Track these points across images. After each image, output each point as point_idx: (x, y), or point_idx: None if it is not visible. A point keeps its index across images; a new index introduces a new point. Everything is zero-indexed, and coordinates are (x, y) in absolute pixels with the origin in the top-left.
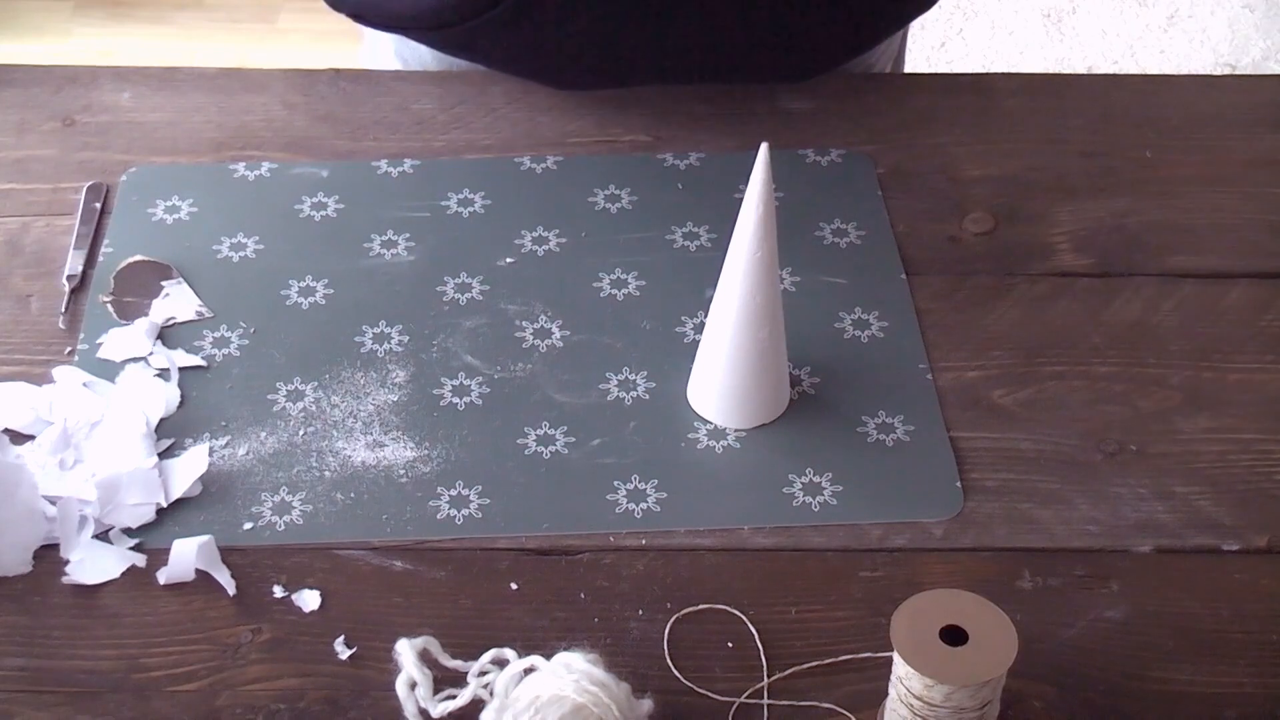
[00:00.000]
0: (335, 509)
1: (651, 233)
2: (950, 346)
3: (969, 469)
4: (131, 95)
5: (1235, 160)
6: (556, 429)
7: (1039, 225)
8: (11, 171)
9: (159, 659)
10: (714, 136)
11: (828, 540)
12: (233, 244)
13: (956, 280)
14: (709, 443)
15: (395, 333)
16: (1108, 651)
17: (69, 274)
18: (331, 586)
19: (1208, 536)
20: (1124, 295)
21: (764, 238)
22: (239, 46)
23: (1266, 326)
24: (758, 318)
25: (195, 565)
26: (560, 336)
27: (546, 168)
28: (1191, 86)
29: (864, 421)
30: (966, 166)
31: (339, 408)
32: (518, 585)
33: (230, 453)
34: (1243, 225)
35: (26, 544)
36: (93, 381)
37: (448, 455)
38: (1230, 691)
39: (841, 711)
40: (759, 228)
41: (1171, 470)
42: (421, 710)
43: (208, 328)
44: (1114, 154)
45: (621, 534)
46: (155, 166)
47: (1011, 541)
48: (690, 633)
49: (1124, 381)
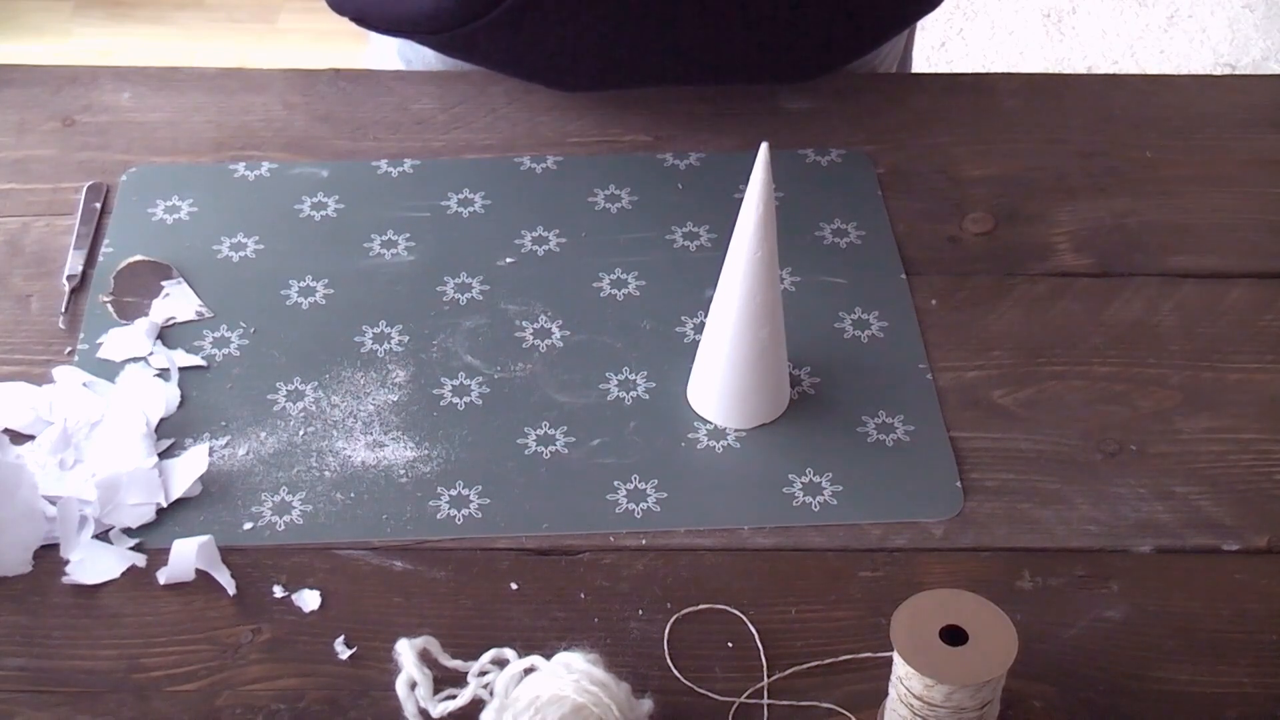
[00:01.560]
0: (335, 509)
1: (651, 233)
2: (950, 346)
3: (969, 469)
4: (131, 95)
5: (1235, 160)
6: (556, 429)
7: (1039, 225)
8: (11, 171)
9: (159, 659)
10: (714, 136)
11: (828, 540)
12: (233, 244)
13: (956, 280)
14: (709, 443)
15: (395, 333)
16: (1108, 651)
17: (69, 274)
18: (331, 586)
19: (1208, 536)
20: (1124, 295)
21: (764, 238)
22: (239, 46)
23: (1266, 326)
24: (758, 318)
25: (195, 565)
26: (560, 336)
27: (546, 168)
28: (1191, 86)
29: (864, 421)
30: (966, 166)
31: (339, 408)
32: (518, 585)
33: (230, 453)
34: (1243, 225)
35: (26, 544)
36: (93, 381)
37: (448, 455)
38: (1230, 691)
39: (841, 711)
40: (759, 228)
41: (1171, 470)
42: (421, 710)
43: (208, 328)
44: (1114, 154)
45: (621, 534)
46: (155, 166)
47: (1011, 541)
48: (690, 633)
49: (1124, 381)
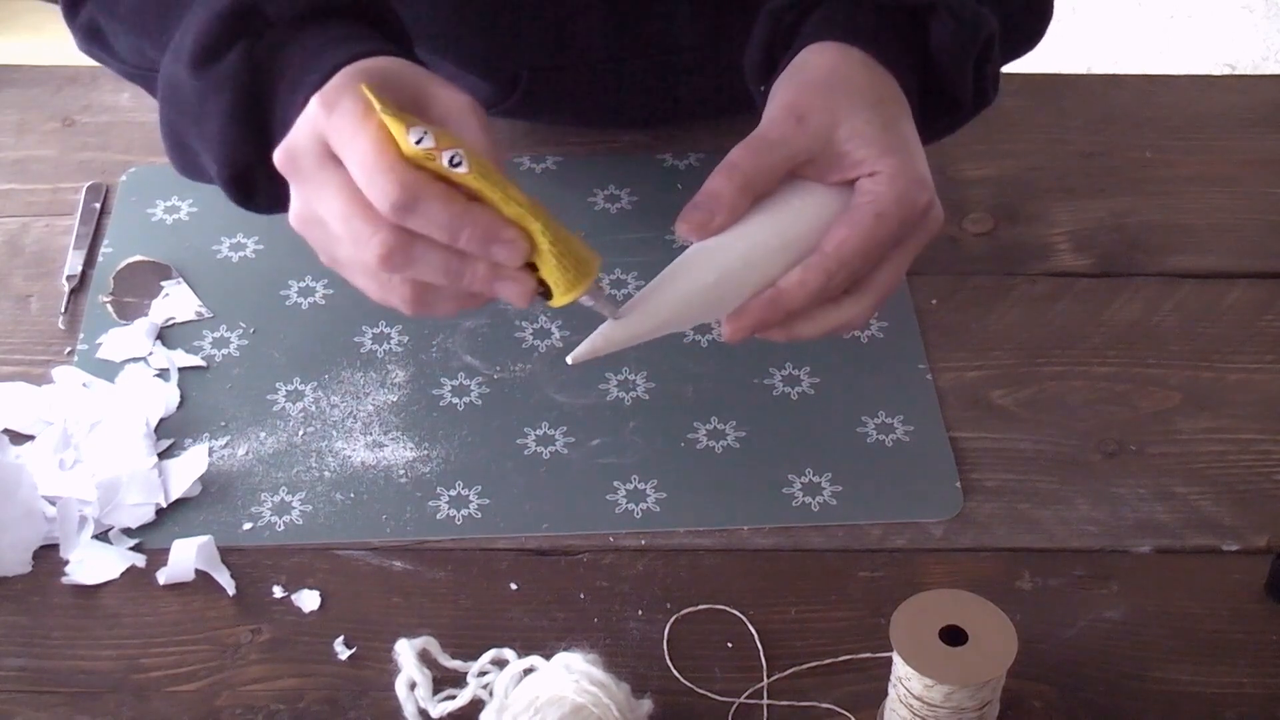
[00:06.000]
0: (335, 509)
1: (651, 233)
2: (950, 346)
3: (969, 469)
4: (131, 95)
5: (1235, 160)
6: (556, 429)
7: (1039, 225)
8: (11, 171)
9: (159, 659)
10: (714, 136)
11: (827, 540)
12: (232, 244)
13: (956, 280)
14: (709, 443)
15: (395, 333)
16: (1108, 651)
17: (69, 274)
18: (331, 586)
19: (1208, 536)
20: (1124, 295)
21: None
22: None
23: (1266, 326)
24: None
25: (195, 565)
26: (560, 337)
27: (546, 168)
28: (1191, 86)
29: (864, 421)
30: (966, 166)
31: (338, 408)
32: (517, 585)
33: (230, 453)
34: (1243, 225)
35: (26, 544)
36: (92, 382)
37: (447, 455)
38: (1230, 691)
39: (841, 711)
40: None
41: (1171, 470)
42: (421, 711)
43: (207, 328)
44: (1114, 154)
45: (621, 534)
46: (155, 166)
47: (1011, 542)
48: (690, 633)
49: (1124, 381)
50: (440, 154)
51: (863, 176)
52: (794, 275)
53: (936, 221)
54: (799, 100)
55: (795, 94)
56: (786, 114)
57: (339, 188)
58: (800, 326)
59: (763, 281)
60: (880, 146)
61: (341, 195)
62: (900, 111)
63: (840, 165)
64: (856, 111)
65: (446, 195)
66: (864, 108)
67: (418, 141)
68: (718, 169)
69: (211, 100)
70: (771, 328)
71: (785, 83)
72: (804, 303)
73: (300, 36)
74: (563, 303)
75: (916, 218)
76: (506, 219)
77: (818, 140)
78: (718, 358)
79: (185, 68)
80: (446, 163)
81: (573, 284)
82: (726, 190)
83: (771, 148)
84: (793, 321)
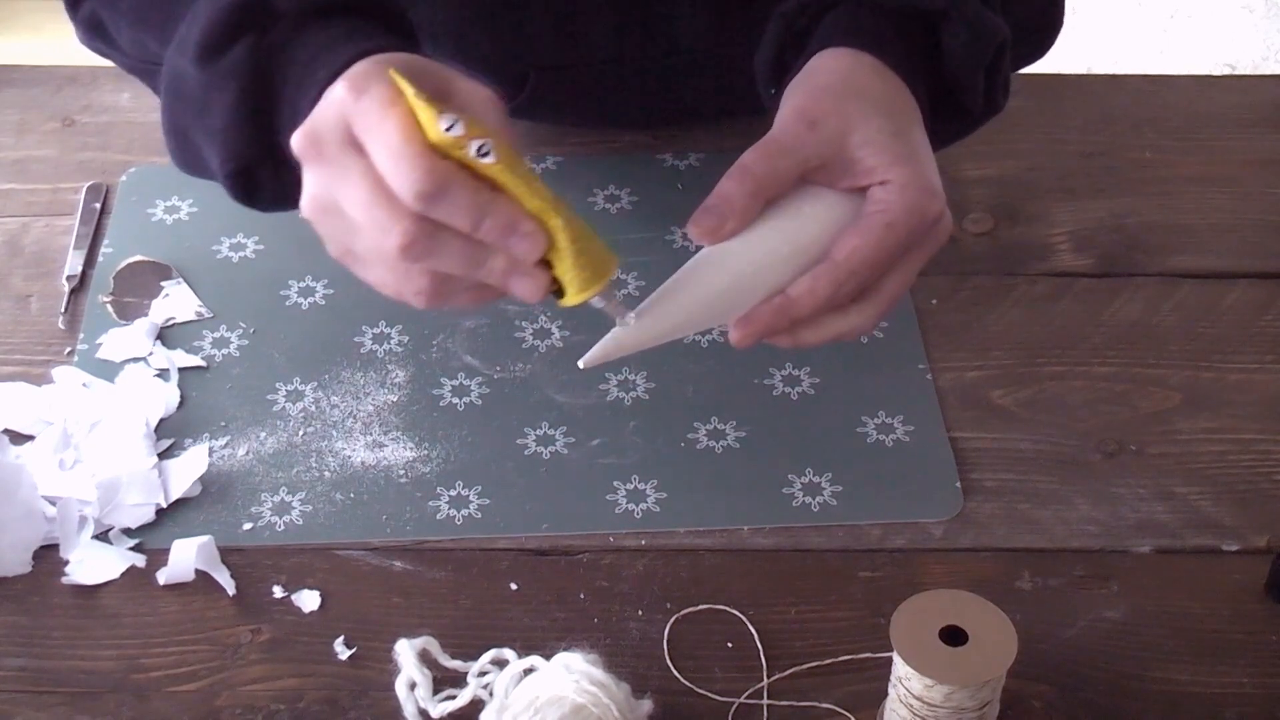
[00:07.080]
0: (335, 509)
1: (651, 233)
2: (950, 346)
3: (969, 469)
4: (131, 95)
5: (1235, 160)
6: (556, 429)
7: (1039, 225)
8: (11, 171)
9: (159, 659)
10: (714, 137)
11: (827, 540)
12: (232, 244)
13: (956, 280)
14: (709, 443)
15: (395, 333)
16: (1108, 651)
17: (69, 274)
18: (331, 586)
19: (1208, 536)
20: (1124, 295)
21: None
22: None
23: (1266, 326)
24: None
25: (195, 565)
26: (560, 337)
27: (546, 168)
28: (1191, 86)
29: (864, 421)
30: (966, 166)
31: (338, 408)
32: (517, 585)
33: (230, 453)
34: (1243, 225)
35: (26, 544)
36: (92, 382)
37: (447, 455)
38: (1230, 691)
39: (841, 712)
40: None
41: (1171, 470)
42: (421, 711)
43: (207, 328)
44: (1114, 154)
45: (621, 534)
46: (155, 166)
47: (1011, 542)
48: (690, 633)
49: (1124, 381)
50: (469, 143)
51: (874, 184)
52: (803, 283)
53: (946, 230)
54: (811, 105)
55: (807, 99)
56: (798, 119)
57: (362, 174)
58: (806, 333)
59: (772, 287)
60: (892, 155)
61: (365, 182)
62: (912, 119)
63: (851, 172)
64: (869, 119)
65: (473, 185)
66: (876, 115)
67: (448, 129)
68: (730, 172)
69: (216, 93)
70: (778, 334)
71: (797, 87)
72: (812, 311)
73: (307, 31)
74: (574, 302)
75: (926, 227)
76: (527, 212)
77: (829, 146)
78: (718, 358)
79: (190, 60)
80: (474, 152)
81: (586, 284)
82: (738, 194)
83: (783, 152)
84: (799, 328)
